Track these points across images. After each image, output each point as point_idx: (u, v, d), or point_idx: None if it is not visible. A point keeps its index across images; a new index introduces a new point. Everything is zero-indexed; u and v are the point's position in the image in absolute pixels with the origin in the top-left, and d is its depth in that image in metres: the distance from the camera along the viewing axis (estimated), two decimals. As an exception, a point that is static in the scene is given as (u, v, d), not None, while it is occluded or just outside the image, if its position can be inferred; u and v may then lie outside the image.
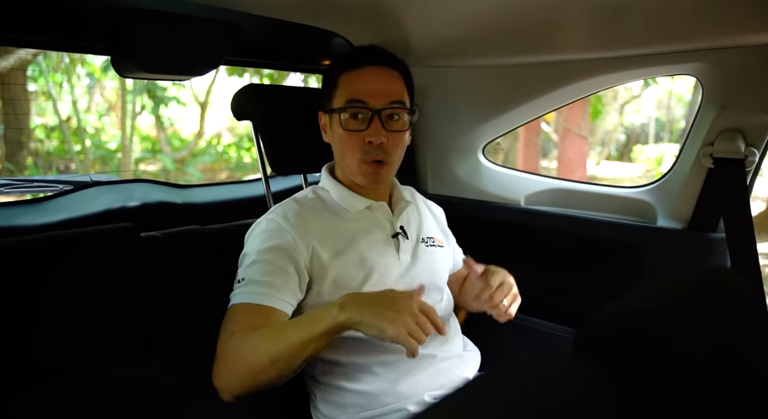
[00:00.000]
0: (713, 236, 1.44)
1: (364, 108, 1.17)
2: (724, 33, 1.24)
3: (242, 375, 1.00)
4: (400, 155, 1.24)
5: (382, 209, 1.27)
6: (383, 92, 1.18)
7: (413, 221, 1.32)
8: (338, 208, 1.24)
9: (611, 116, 9.66)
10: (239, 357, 1.00)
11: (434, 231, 1.36)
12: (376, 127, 1.17)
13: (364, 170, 1.20)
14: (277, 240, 1.13)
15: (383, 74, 1.20)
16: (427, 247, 1.30)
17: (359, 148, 1.18)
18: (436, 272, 1.30)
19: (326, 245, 1.16)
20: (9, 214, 1.32)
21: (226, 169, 7.21)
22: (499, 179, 1.87)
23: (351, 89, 1.19)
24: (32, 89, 5.60)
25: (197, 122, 6.96)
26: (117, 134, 6.62)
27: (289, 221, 1.16)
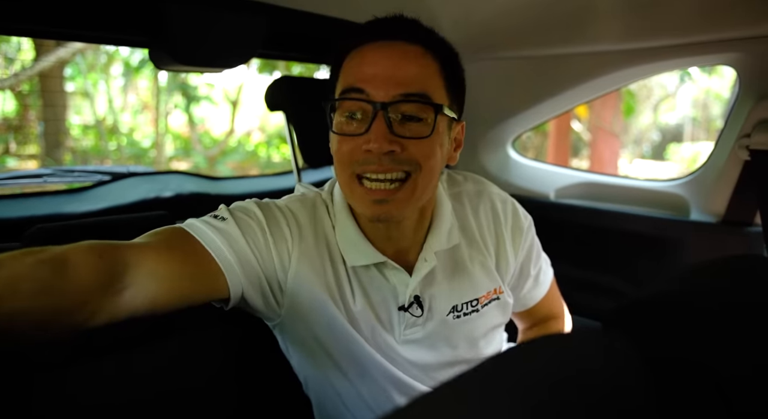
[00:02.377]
0: (749, 230, 1.41)
1: (363, 101, 0.79)
2: (761, 21, 1.21)
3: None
4: (431, 169, 0.82)
5: (391, 269, 0.89)
6: (392, 78, 0.78)
7: (445, 282, 0.93)
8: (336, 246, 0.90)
9: (645, 115, 9.48)
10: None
11: (486, 284, 0.97)
12: (379, 129, 0.77)
13: (358, 195, 0.82)
14: (274, 227, 0.86)
15: (396, 53, 0.80)
16: (458, 319, 0.94)
17: (350, 158, 0.81)
18: (466, 348, 0.97)
19: (303, 298, 0.86)
20: (52, 202, 1.37)
21: (257, 167, 7.29)
22: (528, 172, 1.86)
23: (348, 76, 0.82)
24: (70, 89, 5.76)
25: (228, 120, 7.06)
26: (150, 132, 6.75)
27: (300, 228, 0.88)
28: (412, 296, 0.91)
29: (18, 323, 0.62)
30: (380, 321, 0.91)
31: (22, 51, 4.50)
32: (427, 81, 0.81)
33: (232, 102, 7.01)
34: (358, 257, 0.88)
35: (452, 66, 0.86)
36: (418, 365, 0.94)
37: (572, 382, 0.49)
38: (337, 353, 0.91)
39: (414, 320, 0.91)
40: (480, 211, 0.98)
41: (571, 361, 0.53)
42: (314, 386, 1.01)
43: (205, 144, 7.23)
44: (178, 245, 0.78)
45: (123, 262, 0.71)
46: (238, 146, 7.43)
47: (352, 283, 0.89)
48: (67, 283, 0.65)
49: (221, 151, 7.08)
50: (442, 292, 0.93)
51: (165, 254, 0.75)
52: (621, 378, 0.54)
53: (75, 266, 0.66)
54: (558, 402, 0.47)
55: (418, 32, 0.83)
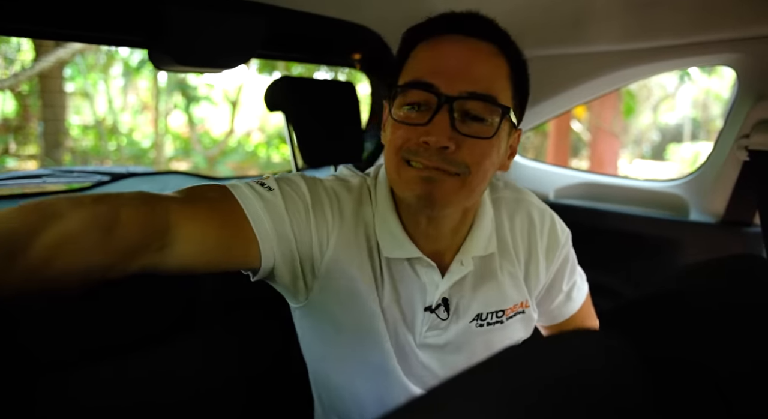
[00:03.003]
0: (748, 230, 1.41)
1: (430, 93, 0.76)
2: (761, 21, 1.21)
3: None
4: (484, 173, 0.80)
5: (425, 266, 0.87)
6: (462, 74, 0.76)
7: (474, 288, 0.91)
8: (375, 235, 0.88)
9: (645, 116, 9.49)
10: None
11: (514, 297, 0.94)
12: (441, 122, 0.75)
13: (404, 177, 0.79)
14: (318, 205, 0.84)
15: (470, 48, 0.78)
16: (480, 327, 0.92)
17: (403, 143, 0.78)
18: (487, 353, 0.89)
19: (335, 283, 0.85)
20: (50, 203, 1.37)
21: (256, 167, 7.30)
22: (527, 173, 1.86)
23: (417, 66, 0.80)
24: (69, 89, 5.77)
25: (228, 121, 7.06)
26: (150, 132, 6.76)
27: (341, 210, 0.86)
28: (441, 297, 0.89)
29: (60, 275, 0.63)
30: (404, 318, 0.89)
31: (21, 52, 4.51)
32: (496, 82, 0.79)
33: (232, 102, 7.02)
34: (395, 248, 0.86)
35: (521, 71, 0.84)
36: (432, 371, 0.92)
37: (571, 382, 0.49)
38: (356, 343, 0.89)
39: (438, 322, 0.90)
40: (516, 220, 0.95)
41: (570, 361, 0.53)
42: (320, 378, 0.99)
43: (204, 144, 7.23)
44: (219, 207, 0.77)
45: (167, 221, 0.70)
46: (238, 146, 7.43)
47: (383, 275, 0.87)
48: (114, 243, 0.66)
49: (221, 151, 7.08)
50: (469, 298, 0.91)
51: (206, 217, 0.75)
52: (619, 378, 0.54)
53: (124, 225, 0.67)
54: (557, 401, 0.47)
55: (493, 31, 0.81)
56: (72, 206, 0.65)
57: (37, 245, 0.61)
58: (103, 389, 1.06)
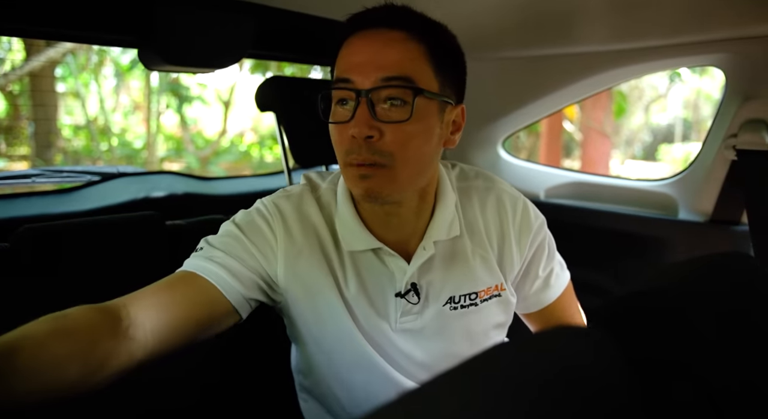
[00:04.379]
0: (736, 229, 1.42)
1: (348, 89, 0.81)
2: (747, 22, 1.23)
3: None
4: (408, 160, 0.82)
5: (388, 255, 0.90)
6: (373, 65, 0.79)
7: (443, 271, 0.93)
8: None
9: (637, 116, 9.54)
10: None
11: (486, 280, 0.96)
12: (361, 114, 0.79)
13: (351, 176, 0.83)
14: (257, 233, 0.90)
15: (378, 40, 0.81)
16: (455, 310, 0.93)
17: (341, 146, 0.83)
18: (465, 340, 0.96)
19: (297, 289, 0.90)
20: (40, 203, 1.36)
21: (249, 168, 7.28)
22: (518, 172, 1.87)
23: (339, 66, 0.84)
24: (61, 89, 5.74)
25: (221, 121, 7.05)
26: (142, 133, 6.74)
27: (285, 224, 0.91)
28: (409, 283, 0.91)
29: (34, 378, 0.65)
30: (375, 307, 0.91)
31: (12, 51, 4.48)
32: (409, 65, 0.80)
33: (225, 103, 7.00)
34: (354, 242, 0.90)
35: (444, 48, 0.85)
36: (413, 358, 0.94)
37: (559, 379, 0.50)
38: (329, 342, 0.93)
39: (410, 307, 0.92)
40: (487, 207, 0.98)
41: (558, 358, 0.53)
42: (309, 379, 1.02)
43: (197, 145, 7.21)
44: (166, 281, 0.84)
45: (117, 307, 0.77)
46: (231, 146, 7.42)
47: (346, 269, 0.91)
48: (72, 326, 0.72)
49: (214, 151, 7.06)
50: (439, 281, 0.93)
51: (154, 289, 0.82)
52: (607, 376, 0.54)
53: (75, 316, 0.73)
54: (546, 399, 0.47)
55: (401, 18, 0.83)
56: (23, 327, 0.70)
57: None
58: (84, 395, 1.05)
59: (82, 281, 1.07)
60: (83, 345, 0.70)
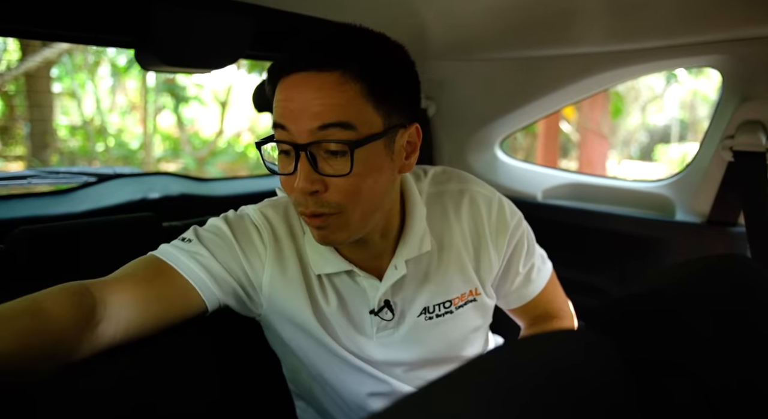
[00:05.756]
0: (733, 230, 1.42)
1: (286, 143, 0.77)
2: (745, 23, 1.23)
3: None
4: (360, 204, 0.79)
5: (359, 276, 0.90)
6: (307, 114, 0.74)
7: (415, 286, 0.93)
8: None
9: (633, 116, 9.56)
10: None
11: (460, 286, 0.96)
12: (302, 170, 0.76)
13: (307, 224, 0.83)
14: (246, 241, 0.89)
15: (311, 85, 0.75)
16: (430, 320, 0.94)
17: (291, 196, 0.81)
18: (447, 348, 0.97)
19: (279, 300, 0.89)
20: (36, 204, 1.36)
21: (246, 168, 7.27)
22: (516, 173, 1.87)
23: (275, 108, 0.79)
24: (57, 90, 5.72)
25: (217, 121, 7.04)
26: (139, 133, 6.72)
27: (274, 237, 0.90)
28: (382, 300, 0.91)
29: (5, 367, 0.65)
30: (353, 323, 0.92)
31: (7, 51, 4.47)
32: (347, 108, 0.75)
33: (222, 103, 6.99)
34: (324, 265, 0.89)
35: (385, 76, 0.78)
36: (397, 364, 0.95)
37: (552, 381, 0.50)
38: (310, 354, 0.93)
39: (385, 323, 0.92)
40: (462, 211, 0.96)
41: (550, 361, 0.53)
42: (298, 386, 1.03)
43: (194, 145, 7.20)
44: (146, 271, 0.83)
45: (95, 299, 0.75)
46: (228, 147, 7.40)
47: (324, 286, 0.91)
48: (43, 326, 0.69)
49: (210, 152, 7.05)
50: (413, 295, 0.93)
51: (134, 282, 0.81)
52: (602, 377, 0.54)
53: (50, 310, 0.71)
54: (541, 400, 0.47)
55: (334, 56, 0.75)
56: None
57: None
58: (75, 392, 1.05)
59: (78, 282, 1.06)
60: (52, 343, 0.70)
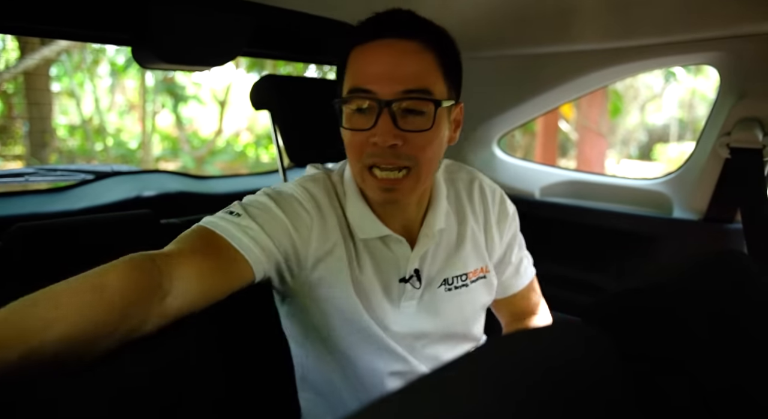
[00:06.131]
0: (730, 227, 1.43)
1: (370, 99, 0.85)
2: (741, 21, 1.23)
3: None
4: (429, 160, 0.90)
5: (396, 242, 0.98)
6: (394, 77, 0.84)
7: (438, 257, 1.02)
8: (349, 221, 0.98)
9: (632, 116, 9.56)
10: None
11: (474, 262, 1.05)
12: (384, 124, 0.84)
13: (372, 183, 0.89)
14: (292, 213, 0.91)
15: (396, 50, 0.85)
16: (448, 291, 1.02)
17: (361, 151, 0.88)
18: (456, 322, 1.05)
19: (321, 270, 0.94)
20: (34, 201, 1.36)
21: (245, 167, 7.27)
22: (514, 171, 1.87)
23: (355, 73, 0.87)
24: (56, 89, 5.72)
25: (216, 120, 7.03)
26: (138, 132, 6.71)
27: (318, 207, 0.94)
28: (413, 269, 0.99)
29: (66, 346, 0.64)
30: (384, 291, 0.98)
31: (6, 50, 4.46)
32: (426, 76, 0.86)
33: (220, 102, 6.99)
34: (368, 230, 0.96)
35: (449, 54, 0.91)
36: (416, 336, 1.01)
37: (552, 376, 0.50)
38: (337, 332, 0.97)
39: (413, 292, 0.99)
40: (473, 195, 1.08)
41: (551, 354, 0.53)
42: (313, 377, 1.06)
43: (193, 145, 7.20)
44: (204, 244, 0.84)
45: (161, 272, 0.74)
46: (227, 146, 7.40)
47: (360, 255, 0.97)
48: (108, 300, 0.68)
49: (209, 151, 7.05)
50: (437, 266, 1.01)
51: (193, 254, 0.81)
52: (600, 372, 0.54)
53: (114, 285, 0.69)
54: (538, 395, 0.47)
55: (415, 28, 0.87)
56: (58, 285, 0.69)
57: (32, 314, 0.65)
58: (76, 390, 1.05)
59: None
60: (117, 318, 0.68)
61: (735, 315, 0.68)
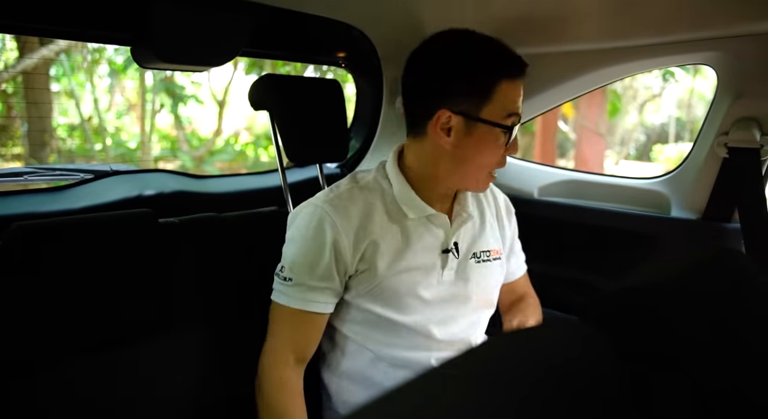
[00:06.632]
0: (728, 226, 1.43)
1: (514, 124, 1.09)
2: (739, 21, 1.23)
3: (257, 396, 1.14)
4: None
5: (440, 219, 1.17)
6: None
7: (468, 233, 1.22)
8: (395, 209, 1.15)
9: (631, 116, 9.55)
10: (262, 390, 1.13)
11: (493, 243, 1.26)
12: (515, 142, 1.11)
13: (485, 183, 1.16)
14: (328, 238, 1.09)
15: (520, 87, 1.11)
16: (477, 263, 1.22)
17: (498, 162, 1.12)
18: (484, 288, 1.24)
19: (374, 252, 1.11)
20: (33, 201, 1.36)
21: (244, 167, 7.26)
22: (512, 170, 1.87)
23: (513, 102, 1.08)
24: (55, 89, 5.71)
25: (215, 120, 7.02)
26: (137, 132, 6.71)
27: (340, 216, 1.10)
28: (452, 241, 1.18)
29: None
30: (427, 262, 1.15)
31: (5, 50, 4.46)
32: None
33: (219, 102, 6.98)
34: (417, 210, 1.14)
35: None
36: (447, 300, 1.18)
37: (553, 373, 0.50)
38: (391, 293, 1.13)
39: (454, 262, 1.18)
40: (487, 192, 1.30)
41: (550, 352, 0.53)
42: (350, 346, 1.20)
43: (192, 144, 7.19)
44: (308, 324, 1.14)
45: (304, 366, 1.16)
46: (226, 146, 7.39)
47: (409, 233, 1.14)
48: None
49: (208, 151, 7.04)
50: (469, 241, 1.21)
51: (311, 333, 1.15)
52: (598, 370, 0.55)
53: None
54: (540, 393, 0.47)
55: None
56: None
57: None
58: (74, 389, 1.05)
59: (74, 278, 1.06)
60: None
61: (732, 314, 0.69)
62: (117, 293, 1.11)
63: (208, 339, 1.22)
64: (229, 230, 1.32)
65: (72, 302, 1.06)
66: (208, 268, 1.26)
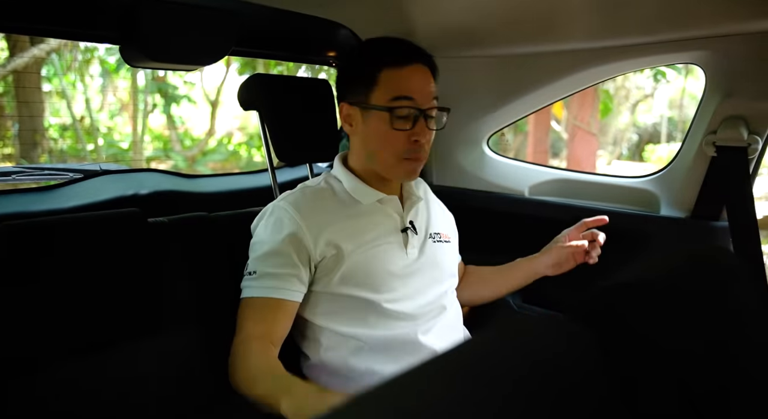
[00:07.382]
0: (716, 224, 1.44)
1: (412, 108, 1.16)
2: (727, 20, 1.24)
3: (244, 390, 1.08)
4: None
5: (392, 202, 1.26)
6: (427, 92, 1.18)
7: (422, 216, 1.32)
8: (349, 199, 1.24)
9: (623, 116, 9.59)
10: (243, 377, 1.08)
11: (442, 227, 1.36)
12: (422, 126, 1.17)
13: (406, 167, 1.21)
14: (286, 230, 1.15)
15: (426, 73, 1.19)
16: (435, 243, 1.31)
17: (402, 146, 1.17)
18: (444, 265, 1.31)
19: (336, 237, 1.17)
20: (21, 201, 1.35)
21: (237, 167, 7.25)
22: (503, 169, 1.88)
23: (397, 87, 1.16)
24: (46, 89, 5.67)
25: (208, 120, 7.00)
26: (129, 132, 6.67)
27: (298, 210, 1.17)
28: (407, 221, 1.26)
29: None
30: (390, 240, 1.23)
31: (-5, 50, 4.43)
32: (435, 92, 1.20)
33: (212, 102, 6.96)
34: (368, 197, 1.24)
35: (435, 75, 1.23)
36: (416, 274, 1.24)
37: (537, 370, 0.50)
38: (361, 274, 1.17)
39: (413, 240, 1.26)
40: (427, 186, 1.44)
41: (535, 349, 0.53)
42: (326, 337, 1.20)
43: (184, 145, 7.16)
44: (278, 312, 1.14)
45: (276, 348, 1.14)
46: (219, 146, 7.37)
47: (363, 218, 1.22)
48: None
49: (201, 151, 7.02)
50: (423, 222, 1.31)
51: (281, 320, 1.15)
52: (584, 367, 0.55)
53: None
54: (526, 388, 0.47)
55: (432, 61, 1.22)
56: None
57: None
58: (64, 391, 1.05)
59: (62, 278, 1.06)
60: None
61: (720, 313, 0.69)
62: (106, 293, 1.10)
63: (199, 338, 1.21)
64: (218, 229, 1.32)
65: (60, 302, 1.05)
66: (198, 268, 1.25)
